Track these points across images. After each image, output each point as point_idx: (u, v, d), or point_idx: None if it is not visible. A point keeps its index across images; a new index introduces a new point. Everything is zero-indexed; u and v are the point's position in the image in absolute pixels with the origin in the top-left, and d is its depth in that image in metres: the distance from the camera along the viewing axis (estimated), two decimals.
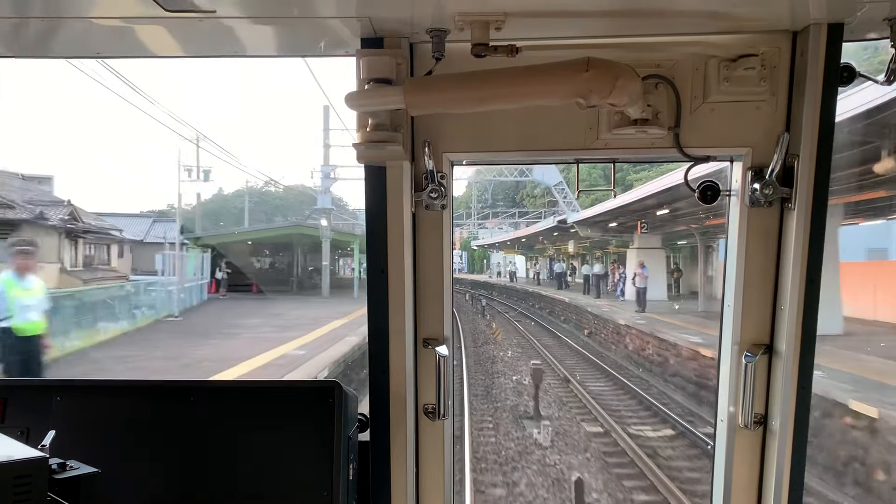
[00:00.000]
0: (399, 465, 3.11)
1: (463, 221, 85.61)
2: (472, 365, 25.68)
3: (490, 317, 43.34)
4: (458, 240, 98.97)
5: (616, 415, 18.15)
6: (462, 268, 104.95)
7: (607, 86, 2.41)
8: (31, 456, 2.05)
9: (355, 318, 28.10)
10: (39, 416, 2.79)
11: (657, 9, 2.58)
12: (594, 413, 18.47)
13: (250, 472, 2.79)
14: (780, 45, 2.80)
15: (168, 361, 19.55)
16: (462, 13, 2.55)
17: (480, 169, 79.00)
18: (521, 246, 72.39)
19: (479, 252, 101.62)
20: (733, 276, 3.02)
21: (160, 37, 2.93)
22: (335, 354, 19.38)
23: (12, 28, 2.80)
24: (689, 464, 14.35)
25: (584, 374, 23.90)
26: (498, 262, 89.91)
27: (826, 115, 2.74)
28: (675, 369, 22.15)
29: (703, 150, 2.95)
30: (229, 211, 78.69)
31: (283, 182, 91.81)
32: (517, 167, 58.09)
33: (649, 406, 19.11)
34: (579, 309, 37.64)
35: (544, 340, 32.25)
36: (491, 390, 21.70)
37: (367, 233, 3.03)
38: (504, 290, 65.08)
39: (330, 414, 2.79)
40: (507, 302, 55.35)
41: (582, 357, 27.65)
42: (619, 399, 20.46)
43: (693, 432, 15.91)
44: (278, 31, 2.87)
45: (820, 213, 2.81)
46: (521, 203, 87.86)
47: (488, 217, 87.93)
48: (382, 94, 2.67)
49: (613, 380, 22.88)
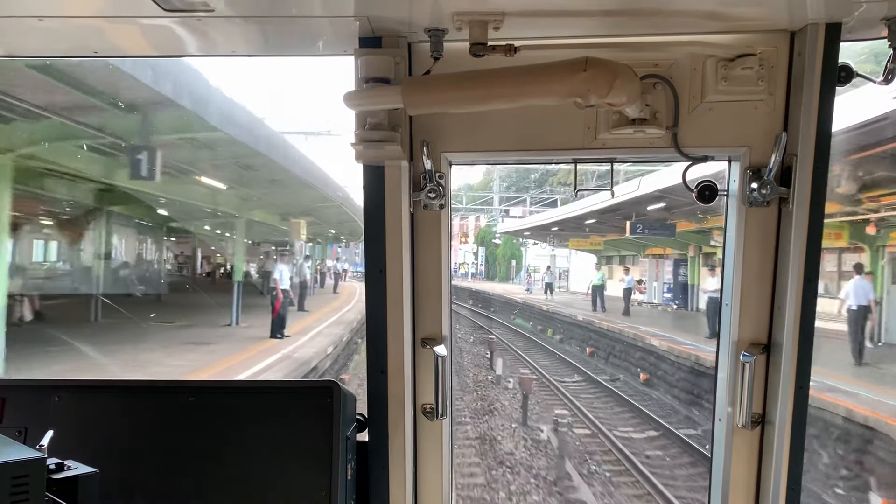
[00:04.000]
0: (397, 464, 3.11)
1: (483, 208, 64.90)
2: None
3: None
4: (474, 230, 72.76)
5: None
6: (468, 273, 71.95)
7: (605, 85, 2.41)
8: (29, 456, 2.05)
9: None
10: (38, 415, 2.79)
11: (655, 9, 2.58)
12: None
13: (249, 471, 2.79)
14: (778, 45, 2.80)
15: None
16: (460, 13, 2.55)
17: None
18: (571, 232, 44.56)
19: (505, 248, 67.92)
20: (731, 275, 3.02)
21: (159, 36, 2.94)
22: None
23: (11, 27, 2.81)
24: None
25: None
26: (535, 269, 58.83)
27: (824, 115, 2.74)
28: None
29: (701, 149, 2.95)
30: None
31: None
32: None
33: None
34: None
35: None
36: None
37: (366, 232, 3.03)
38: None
39: (328, 414, 2.79)
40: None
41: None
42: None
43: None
44: (277, 30, 2.87)
45: (818, 212, 2.81)
46: (550, 191, 61.61)
47: (520, 202, 61.40)
48: (381, 93, 2.67)
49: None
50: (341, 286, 51.95)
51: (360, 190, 3.03)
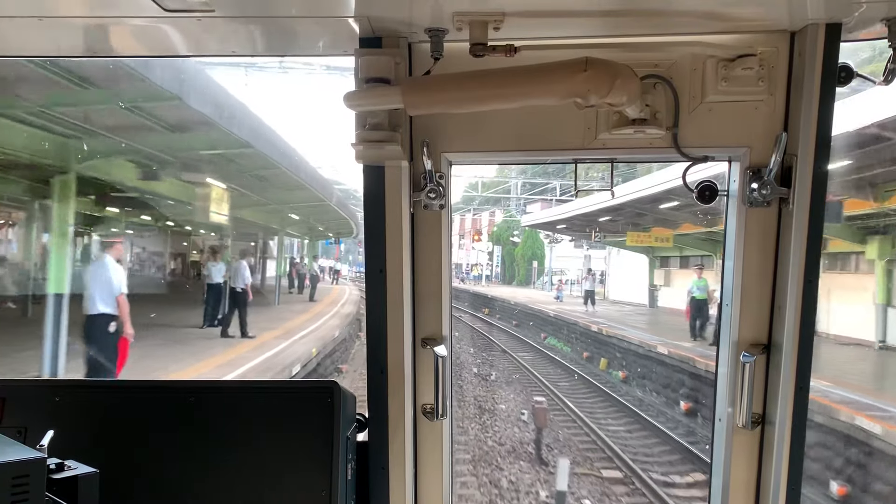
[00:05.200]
0: (397, 465, 3.11)
1: (502, 197, 54.76)
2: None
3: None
4: (488, 228, 61.84)
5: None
6: (482, 276, 61.73)
7: (605, 86, 2.41)
8: (29, 456, 2.05)
9: None
10: (38, 415, 2.79)
11: (655, 9, 2.58)
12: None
13: (249, 471, 2.80)
14: (778, 45, 2.80)
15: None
16: (460, 13, 2.55)
17: None
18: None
19: (525, 246, 55.50)
20: (731, 275, 3.02)
21: (158, 37, 2.94)
22: None
23: (11, 28, 2.81)
24: None
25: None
26: (558, 271, 50.28)
27: (824, 115, 2.74)
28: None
29: (701, 149, 2.95)
30: None
31: None
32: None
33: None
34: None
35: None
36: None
37: (366, 233, 3.03)
38: None
39: (328, 414, 2.79)
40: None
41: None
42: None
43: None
44: (277, 30, 2.87)
45: (818, 212, 2.81)
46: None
47: (545, 189, 49.81)
48: (381, 93, 2.67)
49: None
50: (323, 292, 42.44)
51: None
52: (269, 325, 24.25)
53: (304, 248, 53.60)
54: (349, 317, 30.26)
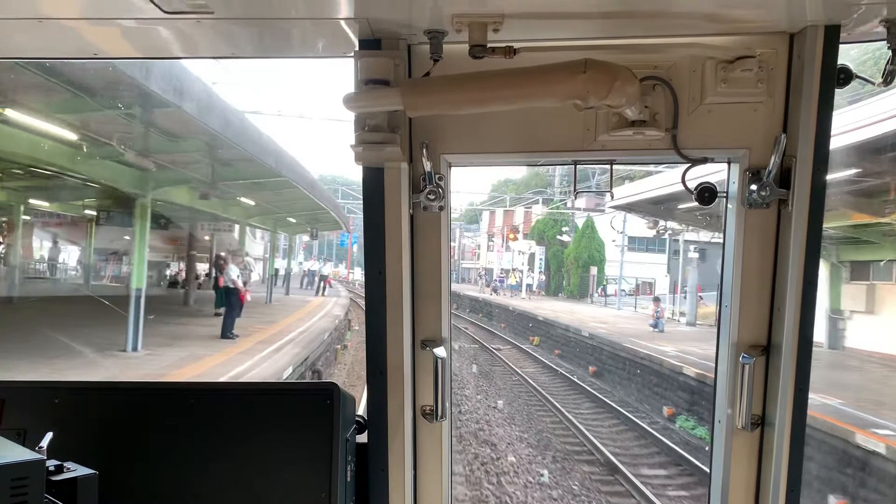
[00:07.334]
0: (397, 466, 3.11)
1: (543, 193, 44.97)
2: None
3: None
4: (525, 224, 49.58)
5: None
6: (520, 285, 46.95)
7: (605, 87, 2.42)
8: (29, 458, 2.05)
9: None
10: (37, 417, 2.79)
11: (655, 10, 2.58)
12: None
13: (248, 473, 2.79)
14: (778, 47, 2.81)
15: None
16: (459, 14, 2.55)
17: None
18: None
19: (579, 247, 42.32)
20: (730, 277, 3.02)
21: (158, 38, 2.94)
22: None
23: (11, 28, 2.81)
24: None
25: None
26: (609, 280, 38.41)
27: (823, 117, 2.74)
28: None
29: (700, 151, 2.95)
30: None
31: None
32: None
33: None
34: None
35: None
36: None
37: (365, 234, 3.03)
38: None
39: (328, 415, 2.79)
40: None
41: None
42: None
43: None
44: (276, 32, 2.87)
45: (817, 214, 2.81)
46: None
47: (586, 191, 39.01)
48: (380, 95, 2.67)
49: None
50: (312, 304, 33.69)
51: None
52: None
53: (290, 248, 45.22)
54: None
